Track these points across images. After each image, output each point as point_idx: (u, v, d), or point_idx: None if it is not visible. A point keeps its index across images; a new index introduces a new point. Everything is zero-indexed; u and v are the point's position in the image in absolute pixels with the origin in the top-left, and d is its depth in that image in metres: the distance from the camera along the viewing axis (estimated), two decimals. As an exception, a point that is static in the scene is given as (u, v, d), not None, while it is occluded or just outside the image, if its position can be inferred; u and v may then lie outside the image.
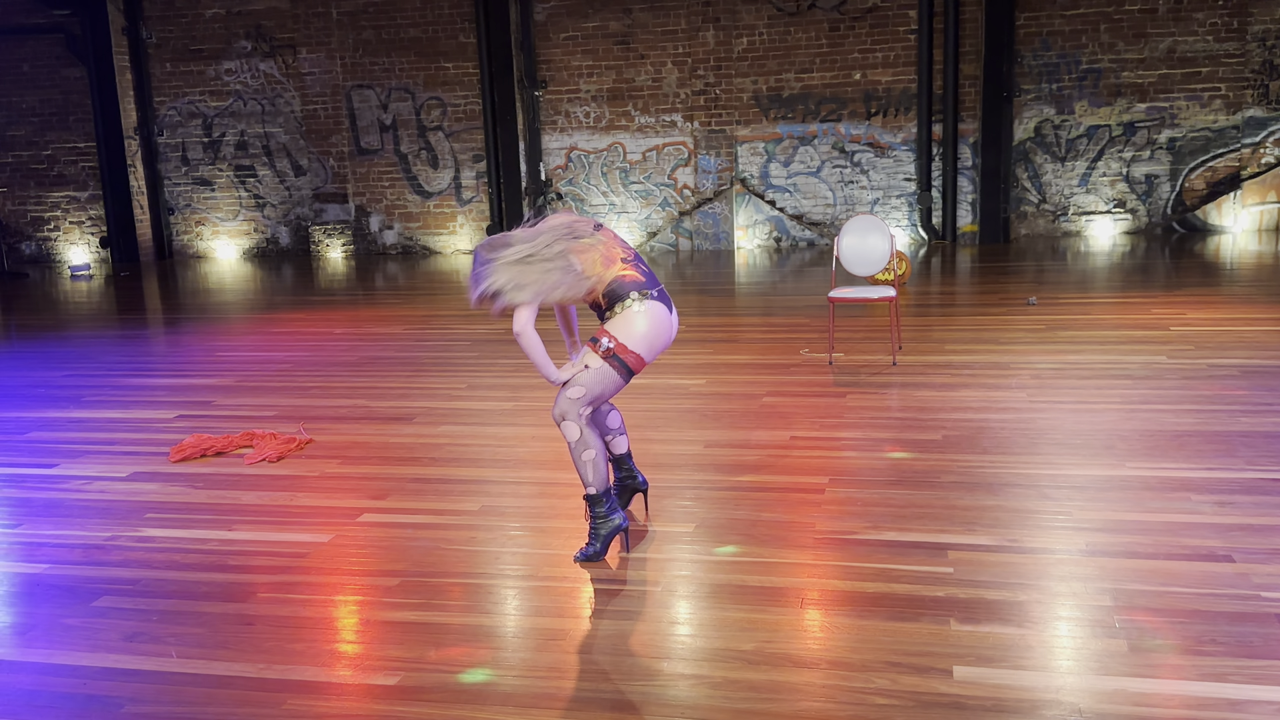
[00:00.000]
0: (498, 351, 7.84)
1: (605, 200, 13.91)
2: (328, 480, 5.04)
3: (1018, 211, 13.06)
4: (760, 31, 13.15)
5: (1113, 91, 12.55)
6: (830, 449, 5.19)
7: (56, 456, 5.57)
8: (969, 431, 5.32)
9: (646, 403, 6.21)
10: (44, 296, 12.23)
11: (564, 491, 4.76)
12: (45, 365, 8.00)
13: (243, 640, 3.44)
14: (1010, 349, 7.13)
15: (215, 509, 4.70)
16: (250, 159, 14.55)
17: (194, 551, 4.21)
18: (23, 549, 4.31)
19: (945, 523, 4.15)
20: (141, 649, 3.40)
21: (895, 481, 4.64)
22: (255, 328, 9.38)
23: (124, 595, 3.82)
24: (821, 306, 8.94)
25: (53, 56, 14.55)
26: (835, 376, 6.61)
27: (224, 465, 5.33)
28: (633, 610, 3.56)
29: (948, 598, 3.52)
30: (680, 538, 4.15)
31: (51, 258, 15.12)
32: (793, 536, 4.10)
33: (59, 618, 3.65)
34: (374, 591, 3.80)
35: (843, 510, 4.34)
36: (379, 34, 13.86)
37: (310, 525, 4.47)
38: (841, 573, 3.75)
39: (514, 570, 3.94)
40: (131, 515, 4.65)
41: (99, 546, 4.30)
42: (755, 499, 4.53)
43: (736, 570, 3.82)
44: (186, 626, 3.55)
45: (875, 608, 3.46)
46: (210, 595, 3.80)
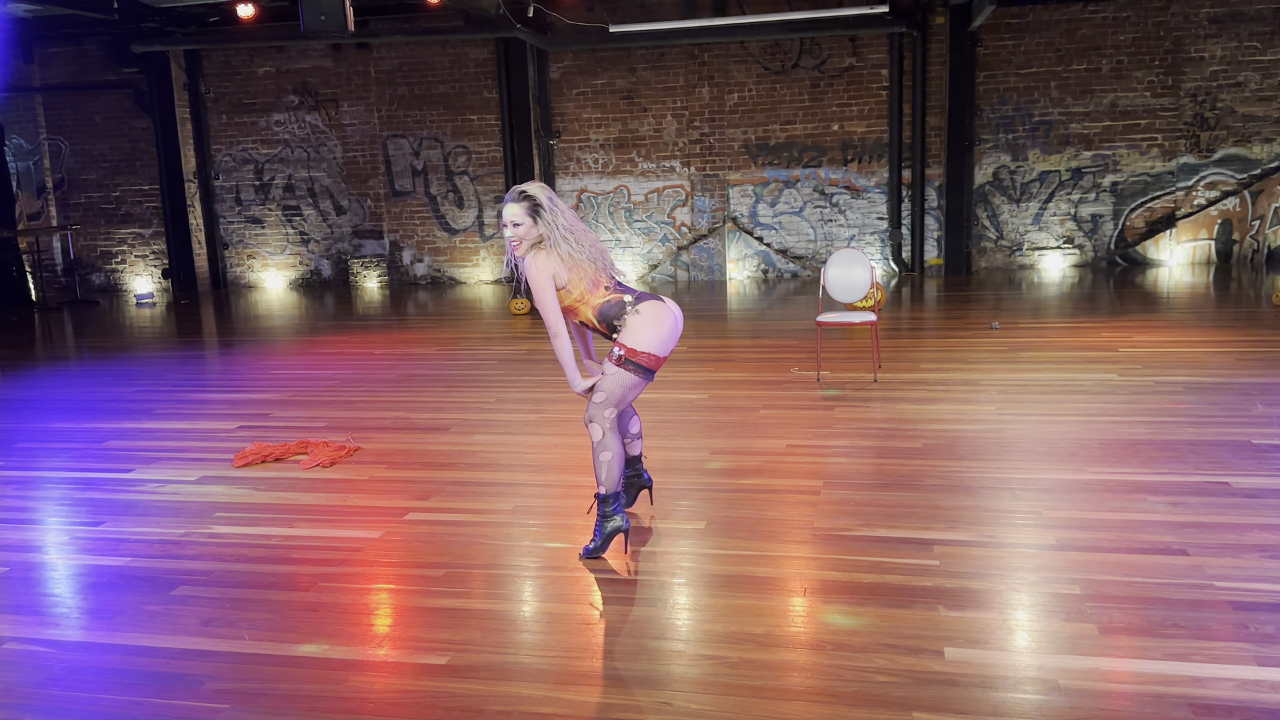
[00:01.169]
0: (522, 370, 7.83)
1: (612, 236, 13.93)
2: (376, 483, 5.03)
3: (978, 247, 13.09)
4: (750, 88, 13.21)
5: (1062, 141, 12.60)
6: (823, 455, 5.18)
7: (132, 462, 5.55)
8: (946, 440, 5.33)
9: (656, 414, 6.20)
10: (112, 322, 12.21)
11: (587, 494, 4.75)
12: (118, 382, 7.99)
13: (308, 624, 3.43)
14: (978, 368, 7.14)
15: (277, 509, 4.68)
16: (296, 200, 14.56)
17: (260, 546, 4.20)
18: (107, 544, 4.29)
19: (930, 521, 4.15)
20: (217, 632, 3.39)
21: (883, 484, 4.64)
22: (303, 349, 9.38)
23: (199, 585, 3.80)
24: (807, 330, 8.95)
25: (122, 109, 14.58)
26: (823, 392, 6.61)
27: (283, 470, 5.32)
28: (654, 598, 3.55)
29: (936, 587, 3.51)
30: (692, 534, 4.14)
31: (119, 287, 15.10)
32: (794, 533, 4.10)
33: (142, 605, 3.64)
34: (422, 581, 3.79)
35: (837, 510, 4.33)
36: (412, 90, 13.91)
37: (362, 523, 4.46)
38: (839, 565, 3.75)
39: (546, 563, 3.93)
40: (202, 514, 4.63)
41: (174, 542, 4.28)
42: (758, 500, 4.53)
43: (745, 563, 3.81)
44: (256, 612, 3.54)
45: (871, 596, 3.46)
46: (276, 585, 3.79)
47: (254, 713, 2.86)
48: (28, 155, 14.86)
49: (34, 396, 7.53)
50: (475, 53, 13.65)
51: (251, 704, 2.91)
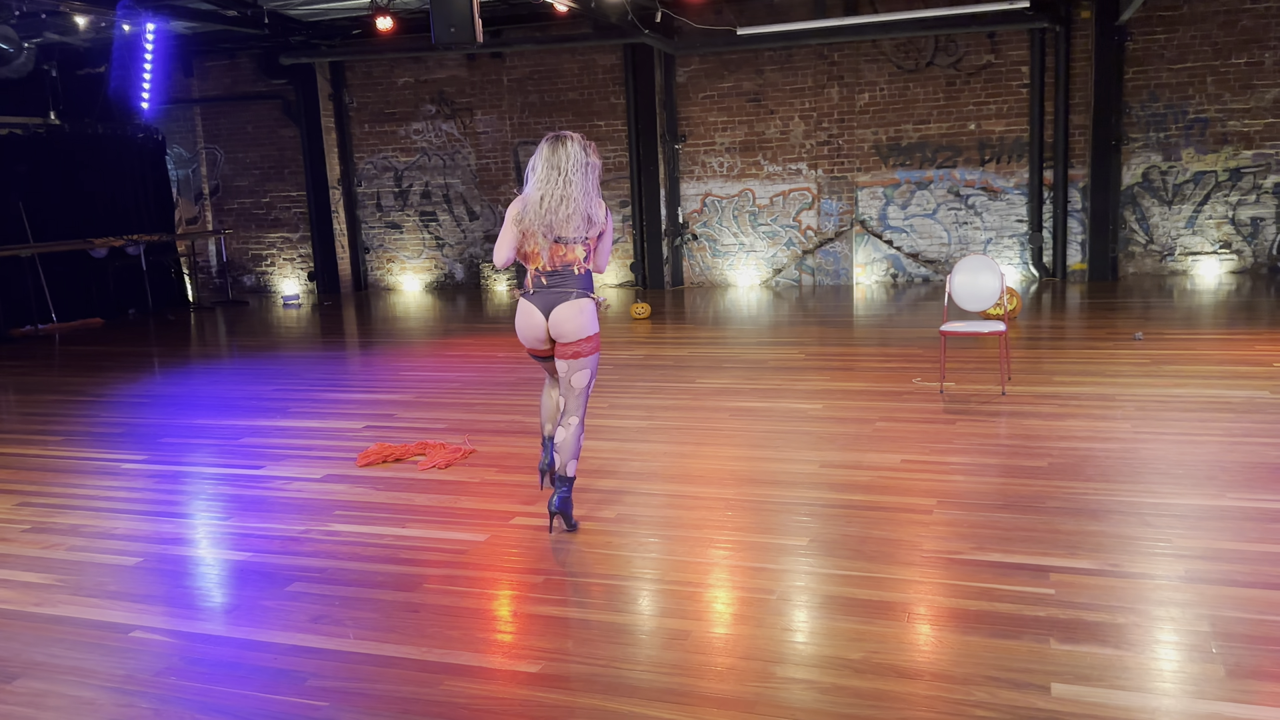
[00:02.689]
0: (637, 375, 7.87)
1: (735, 240, 13.86)
2: (487, 486, 5.14)
3: (1125, 251, 12.42)
4: (881, 87, 12.91)
5: (1219, 139, 11.82)
6: (939, 472, 5.00)
7: (263, 459, 5.84)
8: (1075, 459, 5.06)
9: (767, 424, 6.12)
10: (260, 321, 12.90)
11: (691, 503, 4.73)
12: (259, 380, 8.43)
13: (409, 625, 3.52)
14: (1116, 381, 6.76)
15: (392, 509, 4.84)
16: (433, 206, 15.06)
17: (373, 545, 4.35)
18: (232, 539, 4.53)
19: (1048, 546, 3.95)
20: (324, 630, 3.52)
21: (1001, 505, 4.44)
22: (433, 351, 9.68)
23: (312, 582, 3.96)
24: (935, 339, 8.67)
25: (271, 119, 15.39)
26: (945, 405, 6.39)
27: (401, 470, 5.49)
28: (750, 615, 3.50)
29: (1048, 618, 3.34)
30: (795, 550, 4.06)
31: (268, 289, 15.95)
32: (901, 554, 3.97)
33: (258, 600, 3.81)
34: (522, 587, 3.85)
35: (949, 531, 4.17)
36: (542, 97, 14.18)
37: (470, 525, 4.56)
38: (946, 590, 3.60)
39: (645, 573, 3.92)
40: (322, 512, 4.83)
41: (294, 538, 4.48)
42: (866, 517, 4.41)
43: (847, 583, 3.71)
44: (363, 611, 3.66)
45: (978, 624, 3.31)
46: (384, 584, 3.91)
47: (350, 712, 2.96)
48: (186, 164, 15.87)
49: (182, 393, 8.02)
50: (603, 59, 13.81)
51: (348, 703, 3.01)
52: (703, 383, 7.45)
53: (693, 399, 6.91)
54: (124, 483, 5.51)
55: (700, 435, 5.97)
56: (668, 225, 13.95)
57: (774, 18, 12.62)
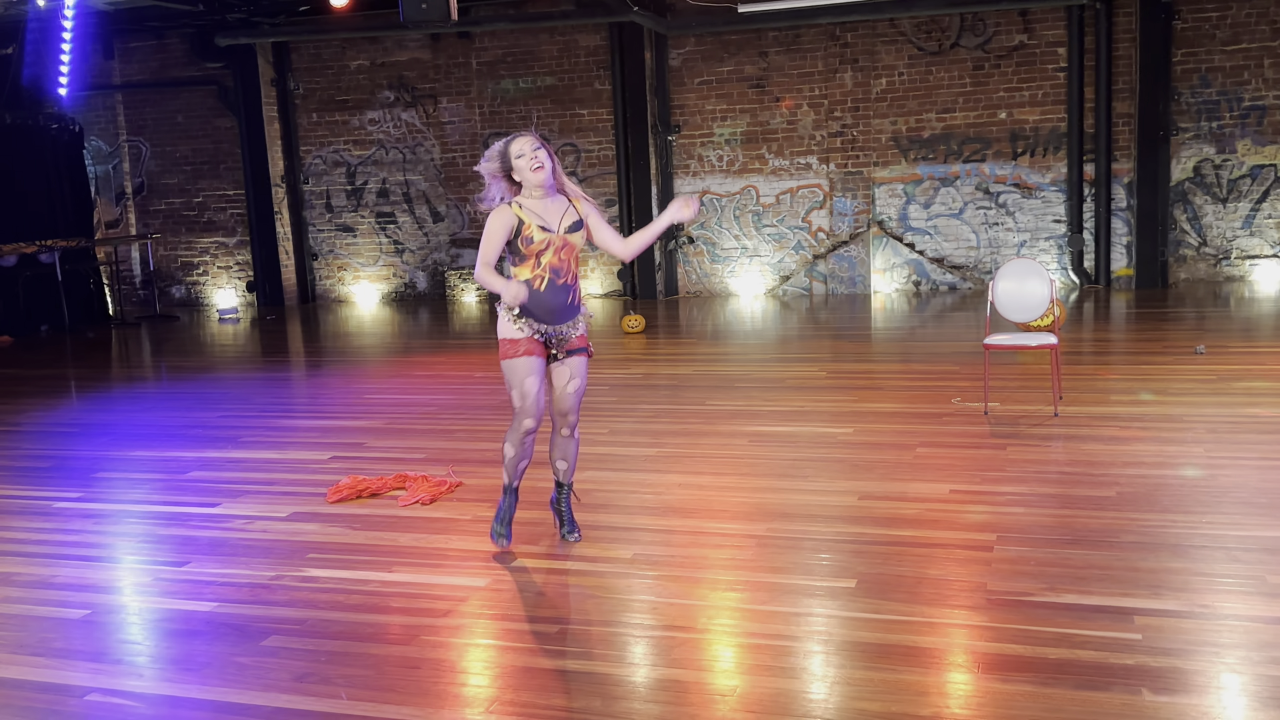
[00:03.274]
0: (637, 396, 7.88)
1: (737, 244, 13.94)
2: (480, 524, 5.11)
3: (1176, 255, 12.59)
4: (900, 72, 13.06)
5: (1278, 129, 12.03)
6: (994, 504, 5.04)
7: (218, 496, 5.80)
8: (1145, 488, 5.11)
9: (793, 451, 6.15)
10: (193, 339, 12.82)
11: (715, 541, 4.74)
12: (201, 406, 8.37)
13: (409, 683, 3.50)
14: (1181, 400, 6.84)
15: (374, 550, 4.82)
16: (391, 206, 15.05)
17: (356, 592, 4.32)
18: (193, 587, 4.48)
19: (1128, 586, 3.98)
20: (312, 689, 3.49)
21: (1070, 540, 4.48)
22: (398, 371, 9.65)
23: (292, 635, 3.93)
24: (969, 353, 8.74)
25: (205, 107, 15.36)
26: (992, 427, 6.44)
27: (379, 507, 5.46)
28: (798, 667, 3.50)
29: (1138, 666, 3.36)
30: (841, 594, 4.07)
31: (200, 301, 15.87)
32: (963, 596, 3.99)
33: (231, 656, 3.78)
34: (533, 638, 3.83)
35: (1015, 570, 4.20)
36: (516, 82, 14.24)
37: (466, 569, 4.54)
38: (1019, 636, 3.62)
39: (674, 622, 3.91)
40: (294, 555, 4.80)
41: (264, 586, 4.44)
42: (918, 555, 4.43)
43: (904, 630, 3.72)
44: (354, 668, 3.63)
45: (1060, 675, 3.33)
46: (375, 637, 3.88)
47: (353, 782, 2.94)
48: (106, 159, 15.79)
49: (111, 421, 7.95)
50: (586, 40, 13.90)
51: (351, 772, 2.98)
52: (714, 405, 7.47)
53: (704, 423, 6.93)
54: (58, 524, 5.45)
55: (718, 464, 5.98)
56: (660, 227, 14.00)
57: (780, -7, 12.75)
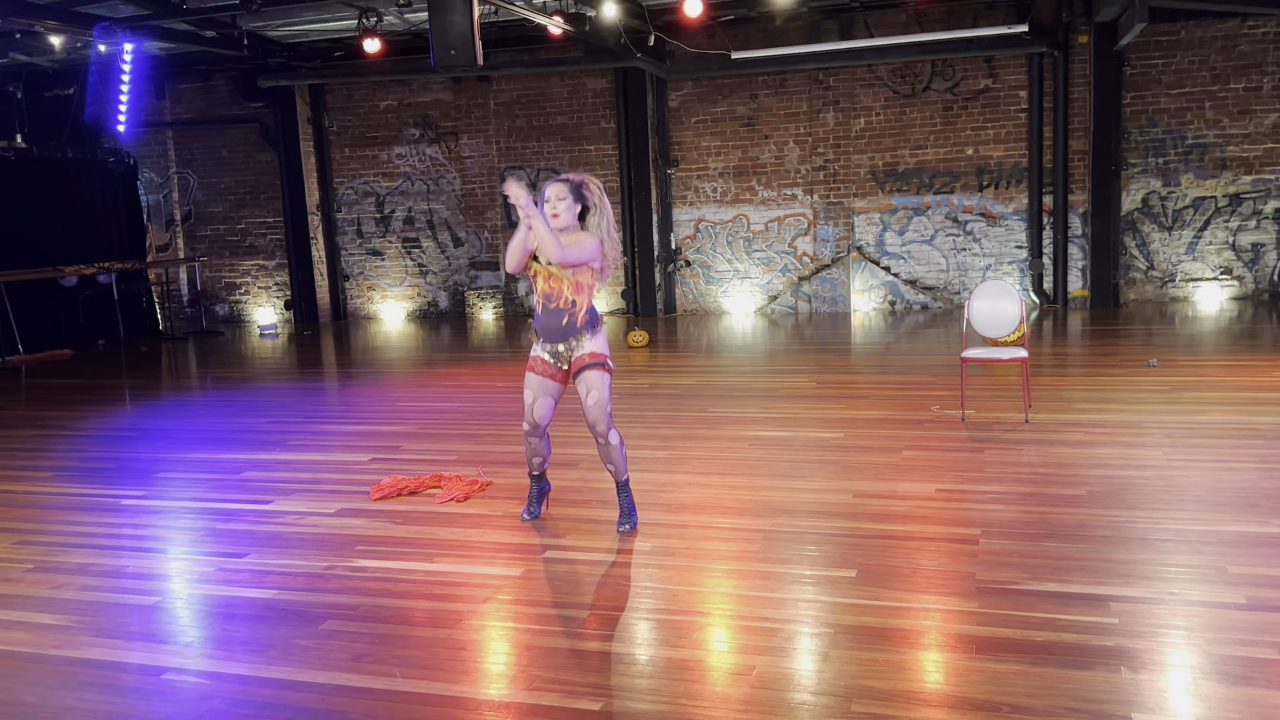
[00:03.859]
0: (644, 404, 7.89)
1: (730, 267, 13.96)
2: (510, 520, 5.12)
3: (1126, 278, 12.64)
4: (877, 112, 13.12)
5: (1218, 165, 12.11)
6: (976, 501, 5.05)
7: (270, 494, 5.78)
8: (1112, 487, 5.13)
9: (790, 453, 6.16)
10: (237, 352, 12.79)
11: (725, 535, 4.74)
12: (249, 413, 8.35)
13: (457, 663, 3.50)
14: (1139, 408, 6.86)
15: (416, 543, 4.81)
16: (416, 232, 15.06)
17: (403, 581, 4.31)
18: (253, 576, 4.47)
19: (1103, 575, 3.99)
20: (369, 669, 3.48)
21: (1047, 535, 4.49)
22: (427, 381, 9.64)
23: (347, 620, 3.93)
24: (944, 365, 8.76)
25: (248, 143, 15.36)
26: (970, 432, 6.46)
27: (418, 504, 5.46)
28: (814, 650, 3.51)
29: (1117, 647, 3.37)
30: (843, 582, 4.08)
31: (242, 318, 15.84)
32: (955, 584, 4.00)
33: (293, 639, 3.77)
34: (568, 623, 3.83)
35: (1000, 561, 4.21)
36: (530, 121, 14.27)
37: (502, 560, 4.54)
38: (1009, 621, 3.63)
39: (695, 607, 3.92)
40: (343, 547, 4.79)
41: (319, 575, 4.44)
42: (911, 547, 4.44)
43: (904, 615, 3.73)
44: (405, 649, 3.63)
45: (1047, 655, 3.34)
46: (423, 621, 3.88)
47: (413, 753, 2.93)
48: (158, 189, 15.78)
49: (169, 426, 7.93)
50: (594, 83, 13.94)
51: (410, 744, 2.98)
52: (715, 411, 7.48)
53: (709, 428, 6.94)
54: (126, 519, 5.43)
55: (724, 465, 5.99)
56: (660, 251, 14.04)
57: (768, 42, 12.82)
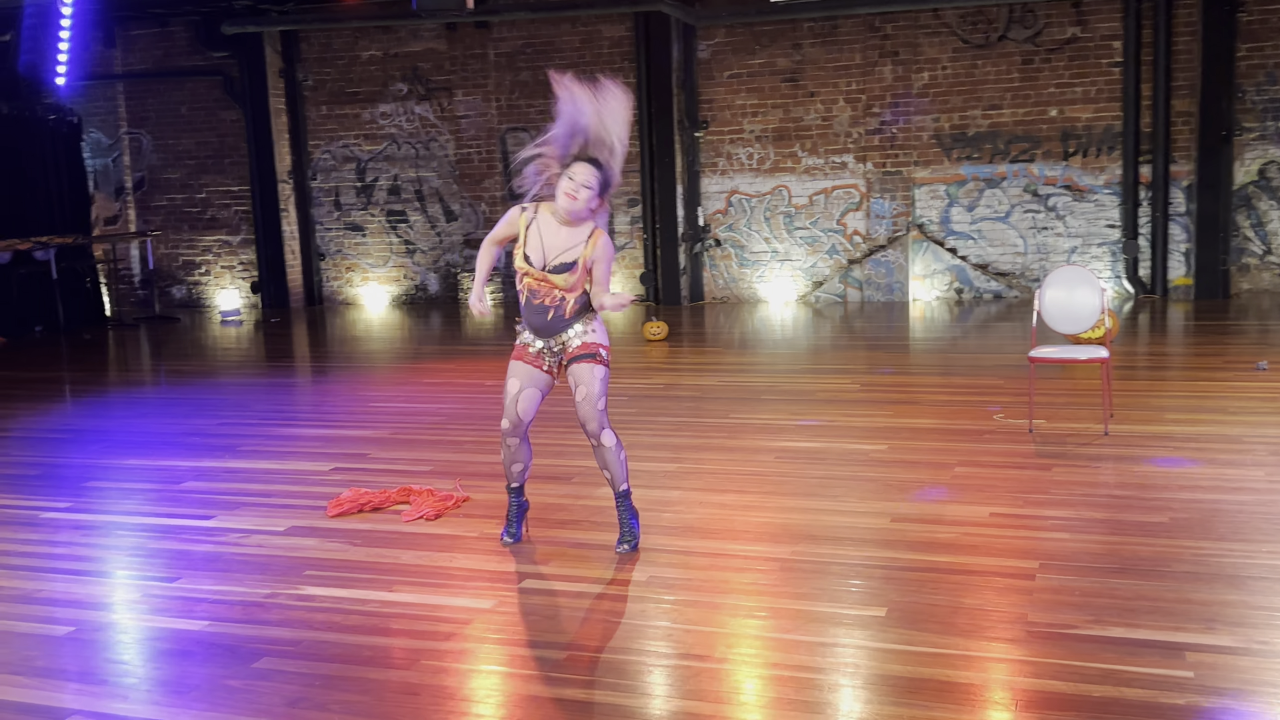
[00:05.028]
0: (657, 408, 7.87)
1: (767, 247, 13.91)
2: (487, 541, 5.11)
3: (1239, 264, 12.47)
4: (944, 66, 13.01)
5: (1352, 129, 11.93)
6: (1037, 529, 4.99)
7: (213, 508, 5.82)
8: (1201, 514, 5.05)
9: (822, 469, 6.12)
10: (194, 342, 12.92)
11: (737, 564, 4.71)
12: (199, 413, 8.42)
13: (407, 712, 3.49)
14: (1241, 420, 6.76)
15: (375, 568, 4.82)
16: (402, 204, 15.12)
17: (355, 613, 4.32)
18: (183, 604, 4.49)
19: (1180, 619, 3.93)
20: (305, 715, 3.48)
21: (1118, 570, 4.42)
22: (406, 378, 9.68)
23: (285, 657, 3.93)
24: (1015, 366, 8.68)
25: (210, 99, 15.49)
26: (1037, 446, 6.39)
27: (381, 521, 5.47)
28: (823, 702, 3.47)
29: (1189, 706, 3.31)
30: (870, 623, 4.04)
31: (202, 302, 15.98)
32: (1001, 628, 3.95)
33: (221, 679, 3.78)
34: (539, 665, 3.82)
35: (1058, 600, 4.15)
36: (535, 75, 14.27)
37: (471, 589, 4.53)
38: (1062, 672, 3.57)
39: (688, 650, 3.89)
40: (290, 572, 4.80)
41: (259, 604, 4.45)
42: (954, 583, 4.39)
43: (939, 663, 3.68)
44: (350, 694, 3.63)
45: (1105, 715, 3.28)
46: (373, 661, 3.88)
47: (345, 817, 2.92)
48: (106, 152, 15.94)
49: (106, 428, 8.01)
50: (610, 30, 13.93)
51: (342, 806, 2.97)
52: (738, 418, 7.45)
53: (728, 437, 6.91)
54: (44, 535, 5.48)
55: (741, 481, 5.96)
56: (686, 229, 14.01)
57: (816, -18, 12.75)
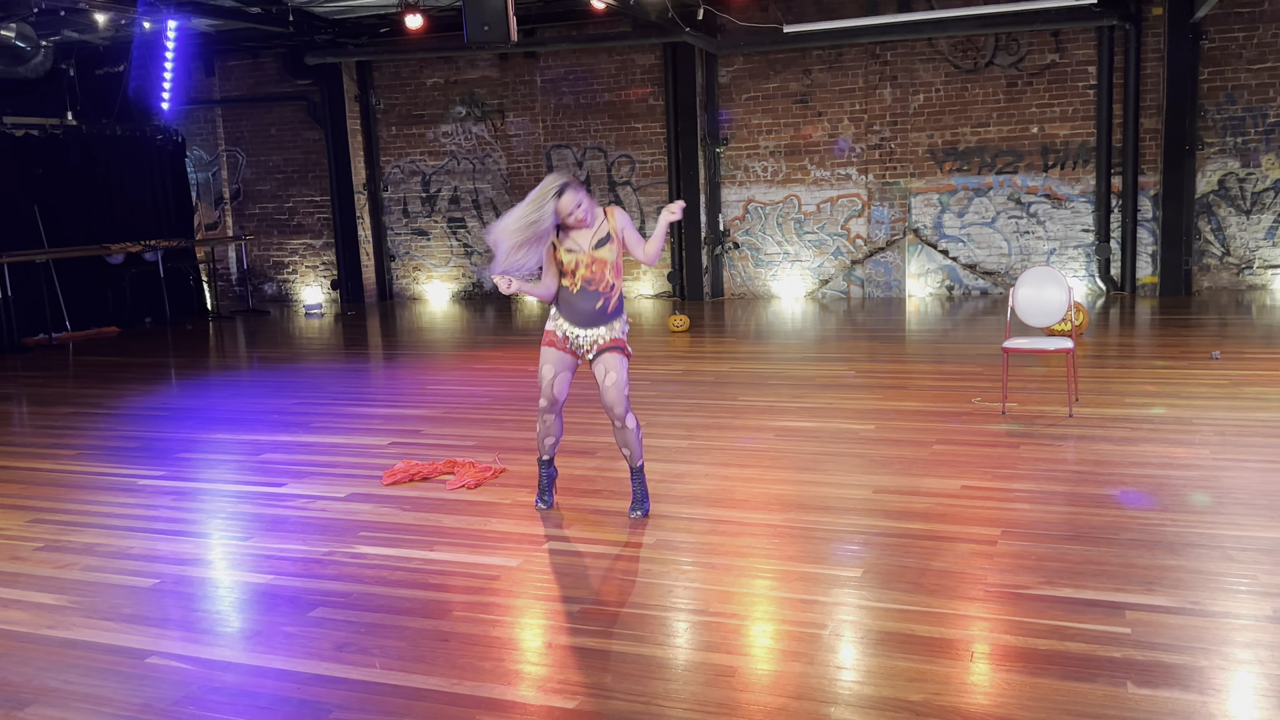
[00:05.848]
0: (675, 392, 7.85)
1: (780, 249, 13.82)
2: (518, 508, 5.13)
3: (1200, 264, 12.22)
4: (937, 88, 12.84)
5: (1304, 143, 11.63)
6: (1003, 500, 4.93)
7: (285, 476, 5.88)
8: (1149, 487, 4.96)
9: (814, 445, 6.08)
10: (282, 332, 13.04)
11: (734, 530, 4.69)
12: (281, 393, 8.50)
13: (439, 655, 3.52)
14: (1193, 404, 6.63)
15: (420, 530, 4.85)
16: (461, 212, 15.17)
17: (399, 569, 4.35)
18: (252, 560, 4.55)
19: (1123, 581, 3.87)
20: (349, 659, 3.52)
21: (1071, 536, 4.36)
22: (461, 364, 9.72)
23: (336, 607, 3.97)
24: (993, 355, 8.56)
25: (296, 121, 15.60)
26: (1008, 426, 6.31)
27: (429, 490, 5.51)
28: (800, 652, 3.45)
29: (1125, 659, 3.26)
30: (848, 582, 4.01)
31: (289, 297, 16.13)
32: (963, 588, 3.90)
33: (279, 625, 3.83)
34: (557, 617, 3.83)
35: (1015, 564, 4.10)
36: (577, 99, 14.25)
37: (502, 550, 4.55)
38: (1013, 627, 3.54)
39: (687, 604, 3.89)
40: (347, 533, 4.85)
41: (317, 560, 4.50)
42: (925, 547, 4.35)
43: (905, 619, 3.65)
44: (390, 639, 3.66)
45: (1048, 665, 3.24)
46: (412, 611, 3.91)
47: (377, 746, 2.95)
48: (207, 166, 16.11)
49: (200, 406, 8.11)
50: (642, 58, 13.86)
51: (375, 737, 3.00)
52: (745, 400, 7.41)
53: (735, 418, 6.88)
54: (140, 500, 5.57)
55: (744, 456, 5.93)
56: (708, 233, 13.95)
57: (823, 15, 12.60)
